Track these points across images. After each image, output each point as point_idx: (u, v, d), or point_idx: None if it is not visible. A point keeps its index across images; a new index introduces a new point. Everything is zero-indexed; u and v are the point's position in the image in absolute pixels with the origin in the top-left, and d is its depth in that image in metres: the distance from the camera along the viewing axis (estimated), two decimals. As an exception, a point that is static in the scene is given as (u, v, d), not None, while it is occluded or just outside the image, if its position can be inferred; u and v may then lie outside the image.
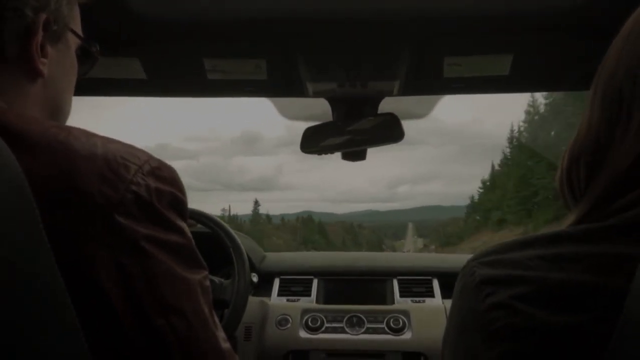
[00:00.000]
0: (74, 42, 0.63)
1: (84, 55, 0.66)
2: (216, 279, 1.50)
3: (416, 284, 1.78)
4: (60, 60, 0.60)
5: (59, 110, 0.63)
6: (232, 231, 1.56)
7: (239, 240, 1.54)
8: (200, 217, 1.55)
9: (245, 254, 1.52)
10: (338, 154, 1.23)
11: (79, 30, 0.64)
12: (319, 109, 1.22)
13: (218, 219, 1.57)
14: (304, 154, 1.22)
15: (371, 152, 1.24)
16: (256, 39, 0.95)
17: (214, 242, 1.50)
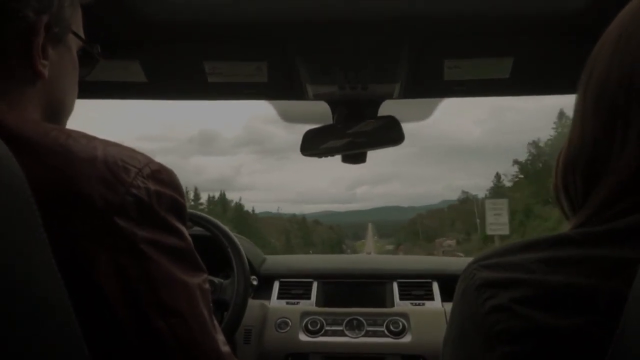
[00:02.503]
0: (75, 43, 0.63)
1: (85, 56, 0.66)
2: (216, 280, 1.50)
3: (416, 287, 1.78)
4: (61, 62, 0.60)
5: (60, 112, 0.63)
6: (231, 233, 1.56)
7: (237, 242, 1.54)
8: (198, 219, 1.55)
9: (244, 255, 1.52)
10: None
11: (81, 32, 0.64)
12: (319, 111, 1.22)
13: (217, 221, 1.57)
14: (263, 154, 1.21)
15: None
16: (256, 41, 0.95)
17: (213, 244, 1.50)
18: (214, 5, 0.87)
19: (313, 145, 1.20)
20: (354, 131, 1.17)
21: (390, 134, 1.16)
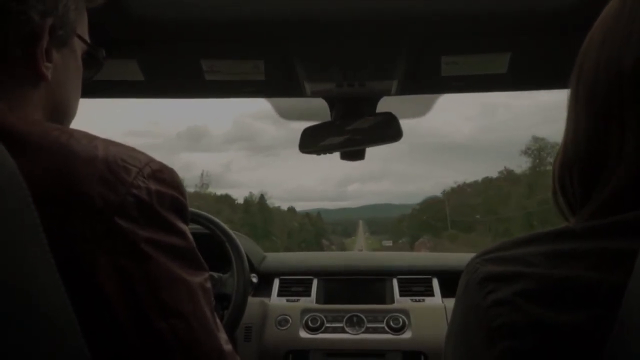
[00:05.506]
0: (79, 46, 0.63)
1: (89, 60, 0.66)
2: (215, 275, 1.51)
3: (416, 283, 1.79)
4: (65, 65, 0.60)
5: (63, 114, 0.62)
6: (230, 230, 1.56)
7: (235, 238, 1.55)
8: (197, 217, 1.55)
9: (243, 251, 1.53)
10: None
11: (86, 35, 0.64)
12: (318, 108, 1.22)
13: (215, 219, 1.57)
14: (252, 151, 1.20)
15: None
16: (254, 39, 0.95)
17: (211, 242, 1.50)
18: (211, 3, 0.87)
19: (311, 142, 1.20)
20: (352, 128, 1.17)
21: (388, 130, 1.16)
